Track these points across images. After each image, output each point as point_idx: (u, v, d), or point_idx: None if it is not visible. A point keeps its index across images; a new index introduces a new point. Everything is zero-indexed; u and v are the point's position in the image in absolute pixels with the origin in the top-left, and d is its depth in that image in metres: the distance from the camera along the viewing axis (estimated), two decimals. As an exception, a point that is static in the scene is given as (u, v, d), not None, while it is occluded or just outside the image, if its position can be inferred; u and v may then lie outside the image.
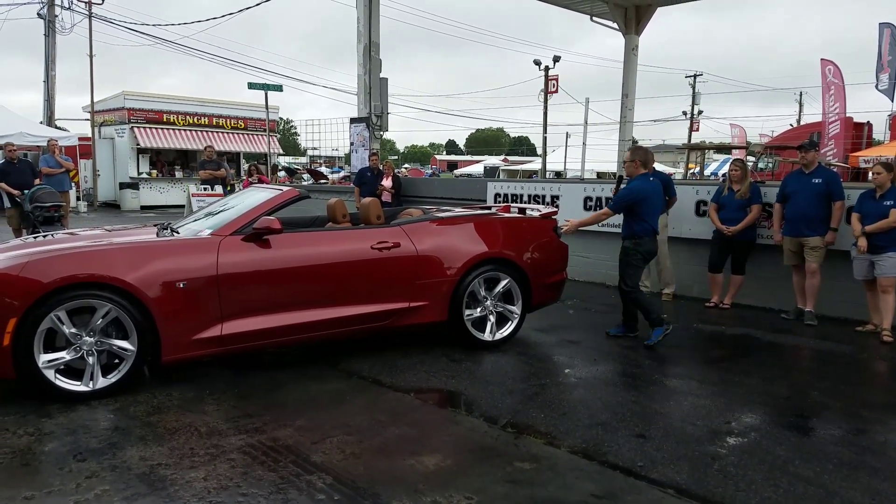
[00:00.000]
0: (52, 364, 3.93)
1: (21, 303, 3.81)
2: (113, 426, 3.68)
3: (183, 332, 4.24)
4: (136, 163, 22.46)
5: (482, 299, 5.37)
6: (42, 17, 21.90)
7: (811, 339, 6.10)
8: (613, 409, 4.15)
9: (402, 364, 4.94)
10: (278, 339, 4.64)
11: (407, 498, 2.95)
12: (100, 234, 4.97)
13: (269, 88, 16.90)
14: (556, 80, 29.78)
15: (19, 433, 3.55)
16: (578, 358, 5.31)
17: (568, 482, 3.16)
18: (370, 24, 12.14)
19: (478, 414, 4.03)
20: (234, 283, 4.39)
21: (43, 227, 8.98)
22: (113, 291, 4.02)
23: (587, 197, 8.83)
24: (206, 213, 5.42)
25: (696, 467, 3.34)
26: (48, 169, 10.99)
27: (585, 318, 6.87)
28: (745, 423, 3.97)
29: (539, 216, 5.98)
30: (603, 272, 8.78)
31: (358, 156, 12.81)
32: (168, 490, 2.96)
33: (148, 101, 22.74)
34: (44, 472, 3.13)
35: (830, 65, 17.83)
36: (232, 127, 24.42)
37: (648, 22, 17.31)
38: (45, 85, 22.31)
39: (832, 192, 6.40)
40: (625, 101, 17.60)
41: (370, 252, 4.95)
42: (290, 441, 3.53)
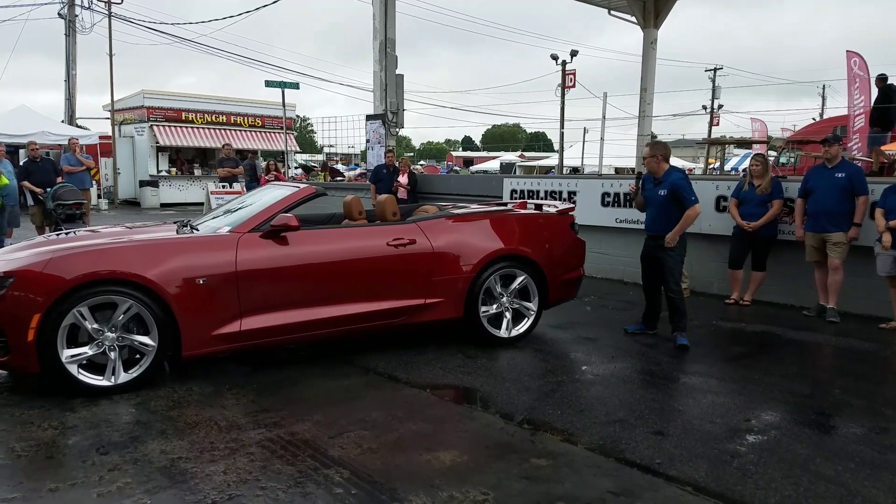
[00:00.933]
0: (75, 359, 4.00)
1: (45, 299, 3.88)
2: (134, 420, 3.74)
3: (202, 328, 4.29)
4: (156, 161, 22.71)
5: (498, 296, 5.36)
6: (63, 17, 22.21)
7: (833, 336, 6.02)
8: (631, 406, 4.13)
9: (417, 360, 4.96)
10: (296, 335, 4.68)
11: (424, 493, 2.96)
12: (121, 232, 5.04)
13: (285, 86, 16.97)
14: (573, 74, 29.59)
15: (44, 426, 3.61)
16: (596, 355, 5.29)
17: (585, 479, 3.15)
18: (386, 20, 12.15)
19: (494, 410, 4.03)
20: (253, 280, 4.43)
21: (65, 224, 9.11)
22: (134, 288, 4.08)
23: (605, 193, 8.78)
24: (225, 210, 5.47)
25: (715, 465, 3.32)
26: (70, 167, 11.15)
27: (603, 314, 6.83)
28: (765, 421, 3.93)
29: (556, 212, 5.96)
30: (620, 269, 8.73)
31: (374, 153, 12.84)
32: (188, 483, 3.00)
33: (167, 99, 22.98)
34: (67, 464, 3.19)
35: (856, 56, 17.52)
36: (250, 125, 24.60)
37: (667, 15, 17.15)
38: (66, 84, 22.63)
39: (855, 187, 6.31)
40: (643, 95, 17.47)
41: (386, 249, 4.96)
42: (308, 436, 3.56)
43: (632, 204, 8.49)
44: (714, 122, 39.65)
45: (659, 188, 5.53)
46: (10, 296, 3.90)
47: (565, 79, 30.01)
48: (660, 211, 5.54)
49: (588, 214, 8.56)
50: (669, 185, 5.44)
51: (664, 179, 5.51)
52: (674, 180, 5.46)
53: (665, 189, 5.46)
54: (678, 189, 5.41)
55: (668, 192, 5.43)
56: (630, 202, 8.54)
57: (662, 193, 5.48)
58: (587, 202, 8.84)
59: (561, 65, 30.28)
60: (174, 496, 2.89)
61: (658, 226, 5.55)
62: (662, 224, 5.51)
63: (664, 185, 5.48)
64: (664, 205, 5.50)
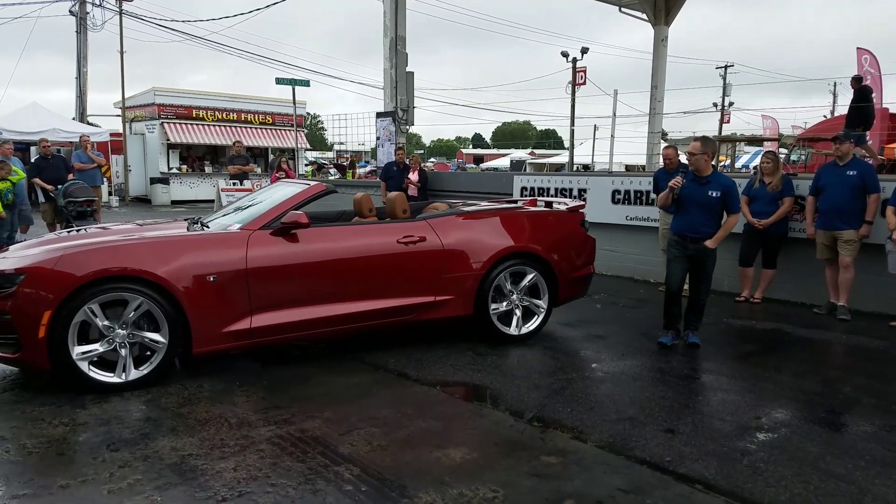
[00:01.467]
0: (86, 356, 4.02)
1: (56, 296, 3.90)
2: (145, 417, 3.76)
3: (213, 325, 4.30)
4: (167, 158, 22.83)
5: (508, 293, 5.35)
6: (74, 15, 22.30)
7: (844, 334, 5.97)
8: (641, 403, 4.12)
9: (427, 358, 4.96)
10: (306, 332, 4.69)
11: (433, 490, 2.96)
12: (131, 229, 5.07)
13: (296, 84, 17.01)
14: (583, 71, 29.48)
15: (54, 423, 3.64)
16: (606, 352, 5.27)
17: (595, 476, 3.15)
18: (396, 18, 12.15)
19: (504, 408, 4.03)
20: (263, 277, 4.44)
21: (76, 221, 9.18)
22: (145, 285, 4.10)
23: (615, 190, 8.74)
24: (236, 207, 5.49)
25: (725, 462, 3.30)
26: (81, 164, 11.23)
27: (613, 312, 6.81)
28: (775, 419, 3.90)
29: (566, 210, 5.94)
30: (631, 266, 8.70)
31: (384, 150, 12.85)
32: (199, 480, 3.01)
33: (178, 96, 23.10)
34: (78, 461, 3.21)
35: (867, 54, 17.36)
36: (260, 122, 24.67)
37: (678, 13, 17.05)
38: (77, 81, 22.75)
39: (867, 185, 6.25)
40: (654, 92, 17.40)
41: (396, 246, 4.96)
42: (318, 433, 3.57)
43: (647, 201, 8.47)
44: (725, 120, 39.39)
45: (708, 188, 5.15)
46: (22, 293, 3.93)
47: (576, 76, 29.91)
48: (705, 212, 5.17)
49: (598, 212, 8.53)
50: (723, 186, 5.14)
51: (713, 179, 5.19)
52: (728, 183, 5.19)
53: (718, 190, 5.12)
54: (733, 193, 5.17)
55: (721, 193, 5.11)
56: (642, 200, 8.50)
57: (715, 195, 5.13)
58: (597, 199, 8.81)
59: (571, 62, 30.19)
60: (184, 493, 2.90)
61: (701, 227, 5.18)
62: (707, 226, 5.18)
63: (714, 185, 5.15)
64: (712, 206, 5.17)
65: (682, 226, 5.28)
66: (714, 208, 5.17)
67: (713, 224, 5.19)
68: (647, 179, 8.61)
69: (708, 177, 5.19)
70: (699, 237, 5.18)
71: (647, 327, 6.14)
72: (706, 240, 5.16)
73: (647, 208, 8.42)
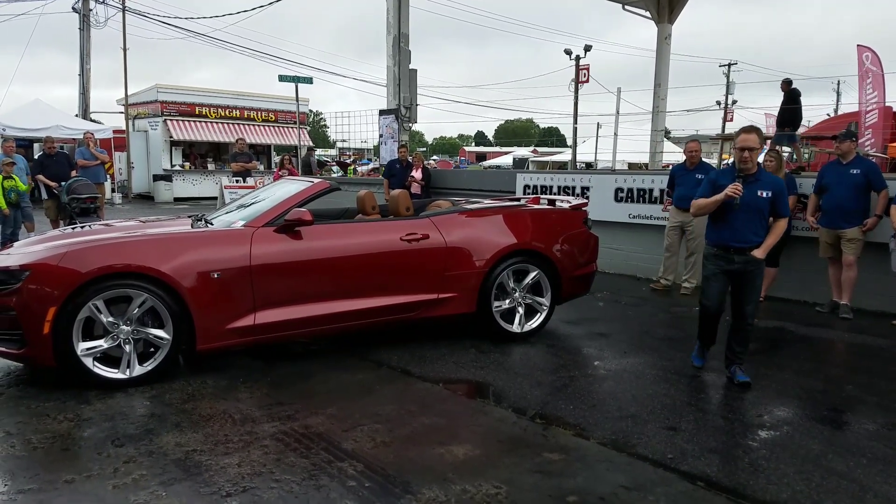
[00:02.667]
0: (91, 352, 4.04)
1: (60, 292, 3.92)
2: (149, 413, 3.78)
3: (217, 322, 4.32)
4: (170, 155, 22.85)
5: (511, 291, 5.36)
6: (77, 12, 22.34)
7: (846, 332, 5.97)
8: (643, 401, 4.12)
9: (430, 355, 4.97)
10: (309, 328, 4.71)
11: (437, 486, 2.97)
12: (135, 226, 5.08)
13: (299, 81, 17.00)
14: (587, 69, 29.43)
15: (59, 419, 3.66)
16: (608, 350, 5.28)
17: (597, 473, 3.16)
18: (399, 15, 12.15)
19: (506, 405, 4.04)
20: (267, 274, 4.46)
21: (79, 218, 9.20)
22: (149, 281, 4.11)
23: (618, 188, 8.74)
24: (239, 204, 5.50)
25: (728, 460, 3.31)
26: (84, 161, 11.24)
27: (615, 310, 6.82)
28: (777, 417, 3.91)
29: (569, 208, 5.94)
30: (633, 264, 8.70)
31: (387, 148, 12.85)
32: (203, 475, 3.03)
33: (181, 94, 23.11)
34: (83, 456, 3.23)
35: (868, 52, 17.29)
36: (263, 119, 24.69)
37: (682, 10, 17.02)
38: (80, 78, 22.78)
39: (872, 182, 6.25)
40: (657, 90, 17.38)
41: (399, 244, 4.97)
42: (322, 429, 3.58)
43: (650, 199, 8.46)
44: (728, 118, 39.30)
45: (756, 188, 4.35)
46: (26, 289, 3.94)
47: (579, 74, 29.86)
48: (753, 217, 4.37)
49: (601, 210, 8.54)
50: (773, 185, 4.40)
51: (761, 178, 4.39)
52: (778, 181, 4.49)
53: (768, 190, 4.36)
54: (784, 193, 4.44)
55: (772, 194, 4.36)
56: (645, 198, 8.49)
57: (765, 195, 4.36)
58: (600, 197, 8.81)
59: (575, 60, 30.15)
60: (189, 488, 2.92)
61: (749, 235, 4.37)
62: (755, 233, 4.39)
63: (763, 184, 4.38)
64: (761, 210, 4.38)
65: (726, 235, 4.42)
66: (763, 212, 4.39)
67: (761, 230, 4.42)
68: (651, 178, 8.61)
69: (755, 175, 4.39)
70: (746, 247, 4.38)
71: (650, 325, 6.16)
72: (754, 249, 4.39)
73: (651, 206, 8.42)
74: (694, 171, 7.46)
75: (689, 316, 6.61)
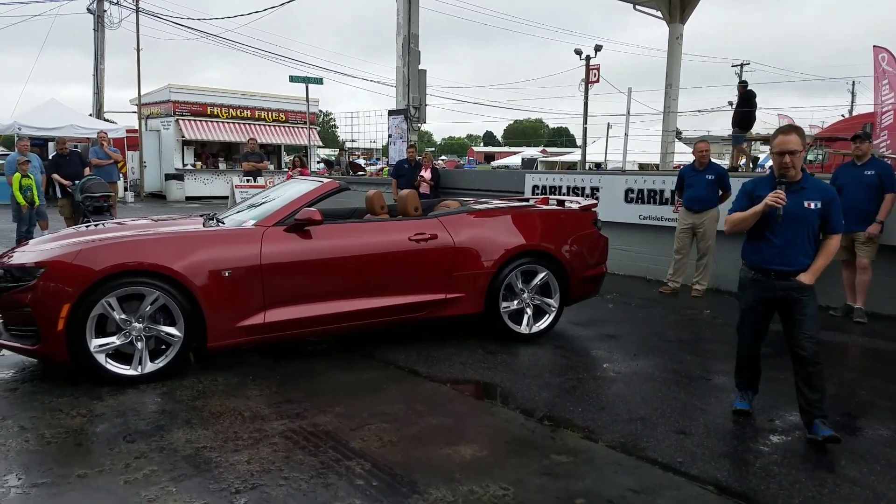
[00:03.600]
0: (103, 348, 4.08)
1: (74, 289, 3.96)
2: (160, 409, 3.80)
3: (228, 320, 4.35)
4: (182, 154, 23.01)
5: (519, 292, 5.36)
6: (91, 13, 22.53)
7: (860, 336, 5.92)
8: (653, 404, 4.11)
9: (437, 355, 4.98)
10: (318, 327, 4.72)
11: (444, 486, 2.98)
12: (147, 224, 5.12)
13: (309, 81, 17.08)
14: (597, 69, 29.33)
15: (72, 414, 3.69)
16: (617, 352, 5.26)
17: (605, 476, 3.15)
18: (410, 15, 12.17)
19: (514, 406, 4.03)
20: (277, 273, 4.48)
21: (93, 216, 9.27)
22: (161, 279, 4.14)
23: (628, 189, 8.71)
24: (250, 204, 5.53)
25: (738, 465, 3.29)
26: (97, 160, 11.34)
27: (625, 312, 6.79)
28: (789, 422, 3.88)
29: (578, 208, 5.93)
30: (643, 266, 8.67)
31: (396, 148, 12.87)
32: (213, 472, 3.05)
33: (192, 94, 23.26)
34: (95, 451, 3.26)
35: (884, 52, 17.11)
36: (273, 120, 24.80)
37: (693, 10, 16.94)
38: (94, 78, 22.96)
39: (885, 184, 6.19)
40: (668, 91, 17.29)
41: (408, 244, 4.98)
42: (330, 427, 3.59)
43: (661, 200, 8.43)
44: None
45: (802, 198, 3.59)
46: (41, 286, 3.99)
47: (589, 74, 29.76)
48: (800, 233, 3.60)
49: (611, 211, 8.51)
50: (823, 194, 3.61)
51: (808, 186, 3.63)
52: (830, 190, 3.70)
53: (817, 200, 3.59)
54: (836, 203, 3.63)
55: (822, 204, 3.60)
56: (655, 199, 8.46)
57: (814, 206, 3.58)
58: (610, 198, 8.78)
59: (585, 60, 30.06)
60: (199, 484, 2.94)
61: (795, 256, 3.62)
62: (803, 253, 3.63)
63: (811, 193, 3.60)
64: (809, 224, 3.60)
65: (766, 256, 3.67)
66: (812, 227, 3.61)
67: (811, 250, 3.64)
68: (661, 178, 8.58)
69: (800, 182, 3.63)
70: (791, 270, 3.63)
71: (660, 328, 6.13)
72: (800, 273, 3.63)
73: (661, 207, 8.39)
74: (703, 172, 7.41)
75: (699, 319, 6.58)
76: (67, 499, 2.81)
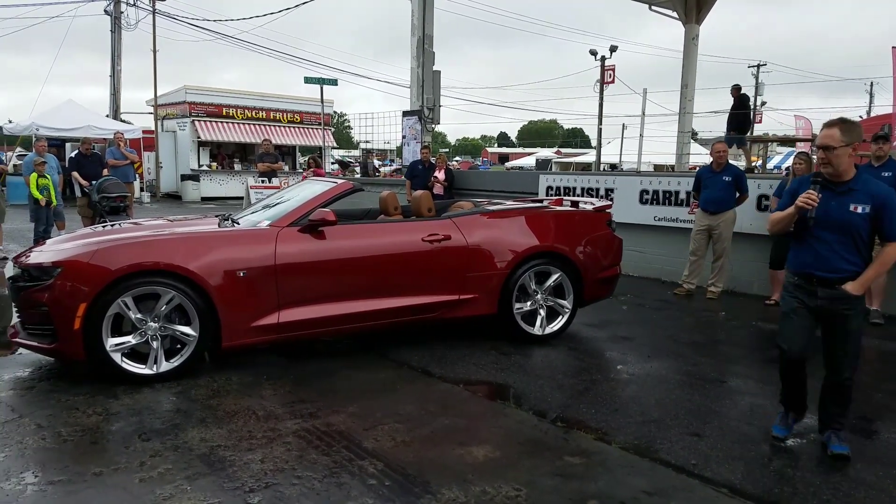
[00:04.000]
0: (119, 347, 4.12)
1: (91, 289, 4.00)
2: (175, 408, 3.84)
3: (242, 320, 4.38)
4: (197, 155, 23.16)
5: (532, 293, 5.35)
6: (109, 14, 22.77)
7: (877, 338, 5.84)
8: (667, 406, 4.08)
9: (450, 355, 4.98)
10: (332, 327, 4.74)
11: (457, 487, 2.98)
12: (163, 225, 5.17)
13: (324, 83, 17.15)
14: (612, 70, 29.23)
15: (88, 412, 3.74)
16: (631, 354, 5.24)
17: (618, 478, 3.13)
18: (424, 17, 12.18)
19: (527, 407, 4.03)
20: (291, 273, 4.50)
21: (109, 216, 9.37)
22: (176, 279, 4.18)
23: (643, 190, 8.67)
24: (264, 204, 5.56)
25: (753, 467, 3.27)
26: (114, 161, 11.44)
27: (639, 314, 6.76)
28: (804, 425, 3.84)
29: (592, 209, 5.91)
30: (657, 267, 8.62)
31: (410, 149, 12.89)
32: (227, 471, 3.07)
33: (208, 95, 23.41)
34: (111, 450, 3.29)
35: (904, 53, 16.87)
36: (288, 121, 24.91)
37: (710, 11, 16.82)
38: (111, 80, 23.22)
39: (903, 186, 6.10)
40: (684, 91, 17.17)
41: (421, 244, 4.99)
42: (343, 427, 3.61)
43: (676, 201, 8.39)
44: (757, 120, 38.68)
45: (848, 200, 3.30)
46: (58, 285, 4.04)
47: (604, 74, 29.66)
48: (845, 239, 3.31)
49: (626, 212, 8.47)
50: (873, 197, 3.26)
51: (857, 187, 3.31)
52: (883, 191, 3.31)
53: (865, 203, 3.25)
54: (890, 207, 3.25)
55: (872, 207, 3.25)
56: (671, 200, 8.42)
57: (861, 210, 3.26)
58: (625, 199, 8.74)
59: (600, 60, 29.96)
60: (213, 483, 2.96)
61: (839, 262, 3.32)
62: (847, 260, 3.32)
63: (859, 196, 3.28)
64: (856, 228, 3.28)
65: (808, 261, 3.42)
66: (860, 232, 3.29)
67: (858, 257, 3.32)
68: (677, 179, 8.53)
69: (848, 183, 3.33)
70: (835, 277, 3.35)
71: (675, 330, 6.09)
72: (846, 281, 3.34)
73: (676, 209, 8.34)
74: (721, 174, 7.36)
75: (715, 321, 6.53)
76: (84, 496, 2.84)
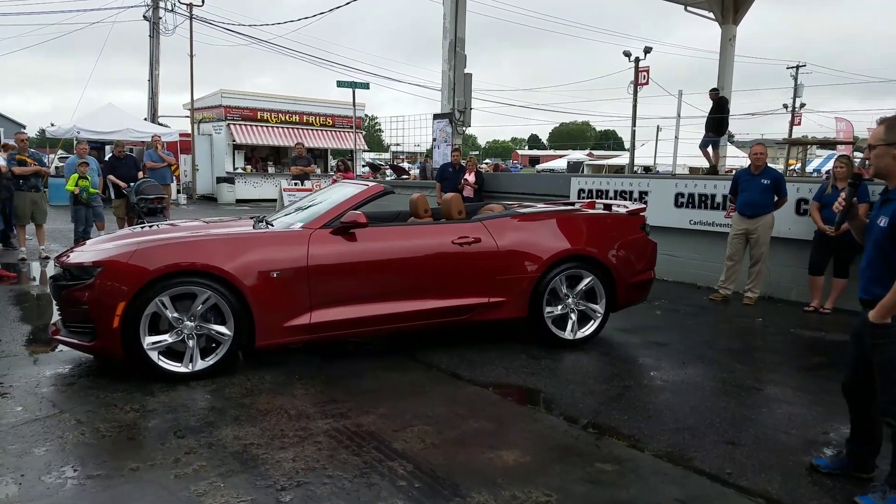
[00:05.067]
0: (156, 346, 4.20)
1: (129, 288, 4.09)
2: (209, 406, 3.90)
3: (275, 320, 4.43)
4: (232, 158, 23.55)
5: (563, 297, 5.30)
6: (147, 20, 23.29)
7: None
8: (702, 414, 4.01)
9: (479, 359, 4.96)
10: (362, 328, 4.77)
11: (486, 490, 2.97)
12: (199, 226, 5.26)
13: (356, 87, 17.27)
14: (646, 71, 28.86)
15: (126, 409, 3.82)
16: (665, 360, 5.16)
17: (651, 486, 3.09)
18: (456, 19, 12.20)
19: (558, 412, 3.99)
20: (323, 274, 4.55)
21: (147, 217, 9.58)
22: (212, 279, 4.25)
23: (678, 193, 8.55)
24: (297, 207, 5.62)
25: (789, 477, 3.19)
26: (152, 163, 11.70)
27: (674, 319, 6.66)
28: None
29: (626, 213, 5.84)
30: (692, 272, 8.48)
31: (440, 151, 12.92)
32: (259, 469, 3.11)
33: (243, 99, 23.79)
34: (147, 446, 3.36)
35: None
36: (321, 124, 25.17)
37: (747, 11, 16.52)
38: (149, 84, 23.72)
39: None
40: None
41: (451, 247, 4.99)
42: (373, 427, 3.62)
43: (712, 205, 8.24)
44: (795, 122, 37.85)
45: (882, 211, 2.94)
46: (98, 284, 4.14)
47: (638, 76, 29.31)
48: (875, 255, 2.95)
49: (660, 215, 8.36)
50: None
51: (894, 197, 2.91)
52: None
53: (887, 216, 2.88)
54: None
55: (890, 222, 2.85)
56: (707, 203, 8.27)
57: (883, 223, 2.89)
58: (659, 202, 8.63)
59: (634, 61, 29.62)
60: (246, 480, 3.00)
61: (871, 284, 2.96)
62: (880, 281, 2.89)
63: (889, 207, 2.90)
64: (880, 245, 2.92)
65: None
66: (883, 248, 2.91)
67: (887, 277, 2.84)
68: (713, 183, 8.39)
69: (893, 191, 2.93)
70: (867, 299, 2.97)
71: (710, 336, 5.99)
72: (875, 306, 2.88)
73: (712, 212, 8.20)
74: (759, 176, 7.21)
75: (751, 327, 6.40)
76: (120, 491, 2.90)
